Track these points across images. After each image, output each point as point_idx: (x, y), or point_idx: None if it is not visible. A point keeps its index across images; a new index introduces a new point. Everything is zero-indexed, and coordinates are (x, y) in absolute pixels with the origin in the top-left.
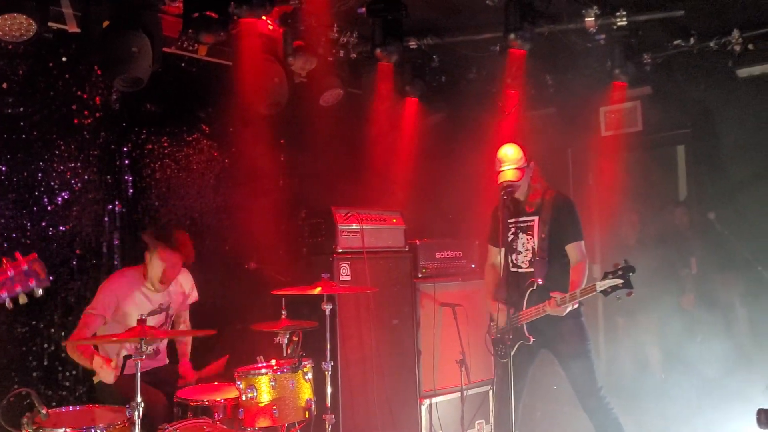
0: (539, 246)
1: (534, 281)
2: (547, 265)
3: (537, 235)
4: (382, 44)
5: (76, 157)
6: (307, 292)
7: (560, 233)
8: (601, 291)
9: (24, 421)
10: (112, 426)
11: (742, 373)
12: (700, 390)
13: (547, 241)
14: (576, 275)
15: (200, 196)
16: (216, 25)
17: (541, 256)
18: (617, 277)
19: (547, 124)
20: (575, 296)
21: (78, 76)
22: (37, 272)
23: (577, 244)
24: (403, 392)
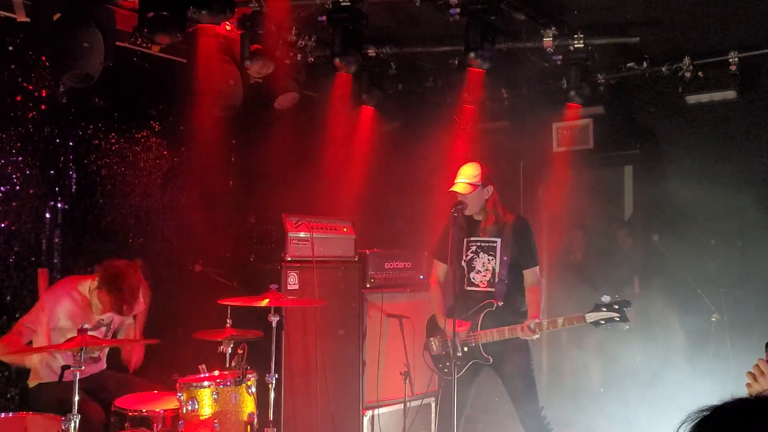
0: (501, 267)
1: (494, 302)
2: (506, 287)
3: (499, 257)
4: (341, 54)
5: (18, 150)
6: (254, 303)
7: (520, 257)
8: (592, 323)
9: None
10: None
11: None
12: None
13: (508, 263)
14: (535, 296)
15: (147, 194)
16: (172, 26)
17: (501, 277)
18: (612, 311)
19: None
20: (556, 324)
21: (24, 66)
22: None
23: (534, 269)
24: (347, 403)
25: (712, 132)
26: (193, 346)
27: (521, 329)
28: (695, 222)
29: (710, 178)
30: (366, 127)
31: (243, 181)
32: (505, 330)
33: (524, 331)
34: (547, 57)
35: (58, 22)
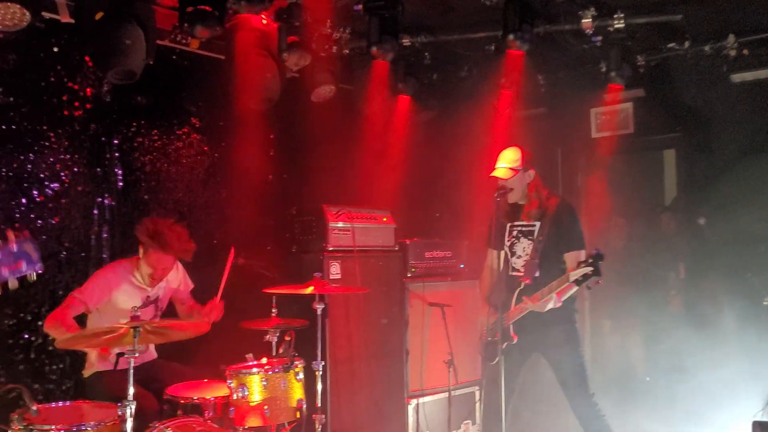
0: (534, 248)
1: (522, 280)
2: (537, 266)
3: (535, 239)
4: (377, 42)
5: (66, 149)
6: (299, 291)
7: (560, 240)
8: (574, 280)
9: (14, 418)
10: (103, 424)
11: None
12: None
13: (543, 244)
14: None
15: (189, 190)
16: (211, 20)
17: (533, 257)
18: (587, 265)
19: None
20: (551, 288)
21: (69, 66)
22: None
23: (577, 253)
24: (391, 392)
25: (758, 111)
26: (239, 337)
27: (530, 300)
28: (742, 204)
29: (757, 158)
30: (403, 117)
31: (282, 174)
32: (522, 305)
33: (533, 302)
34: (586, 39)
35: (100, 21)
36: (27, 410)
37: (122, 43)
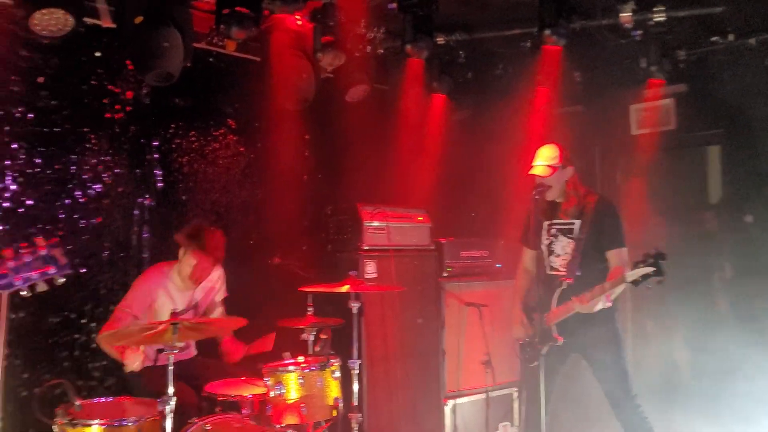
0: (575, 247)
1: (563, 280)
2: (579, 266)
3: (576, 237)
4: (412, 40)
5: (107, 150)
6: (334, 289)
7: (601, 238)
8: (632, 281)
9: (59, 412)
10: (144, 419)
11: None
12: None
13: (584, 243)
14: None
15: (226, 190)
16: (247, 21)
17: (574, 256)
18: (648, 265)
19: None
20: (603, 288)
21: (110, 70)
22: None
23: (619, 251)
24: (428, 392)
25: None
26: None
27: (578, 301)
28: None
29: None
30: (438, 116)
31: (317, 174)
32: (568, 305)
33: (581, 302)
34: (625, 33)
35: (140, 25)
36: (71, 405)
37: (161, 46)
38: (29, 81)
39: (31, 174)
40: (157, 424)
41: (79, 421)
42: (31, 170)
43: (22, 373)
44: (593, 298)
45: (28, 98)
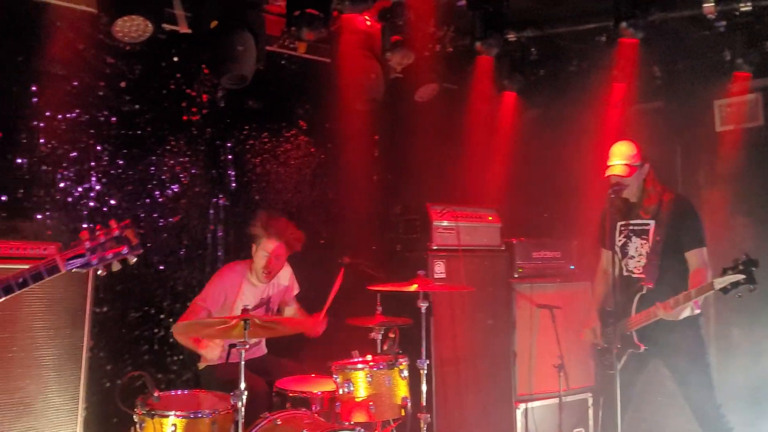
0: (652, 249)
1: (643, 285)
2: (659, 269)
3: (652, 239)
4: (482, 37)
5: (185, 152)
6: (403, 288)
7: (679, 239)
8: (721, 289)
9: (138, 403)
10: (218, 412)
11: None
12: None
13: (662, 245)
14: (697, 280)
15: (297, 190)
16: (317, 22)
17: (653, 259)
18: (738, 272)
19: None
20: (689, 296)
21: (187, 74)
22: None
23: (699, 251)
24: (498, 395)
25: None
26: (345, 334)
27: (662, 307)
28: None
29: None
30: (508, 114)
31: (387, 174)
32: (651, 311)
33: (665, 309)
34: (708, 25)
35: (215, 30)
36: (150, 396)
37: (235, 49)
38: (113, 86)
39: (114, 175)
40: (230, 417)
41: (157, 412)
42: (114, 171)
43: (105, 366)
44: (678, 305)
45: (112, 102)
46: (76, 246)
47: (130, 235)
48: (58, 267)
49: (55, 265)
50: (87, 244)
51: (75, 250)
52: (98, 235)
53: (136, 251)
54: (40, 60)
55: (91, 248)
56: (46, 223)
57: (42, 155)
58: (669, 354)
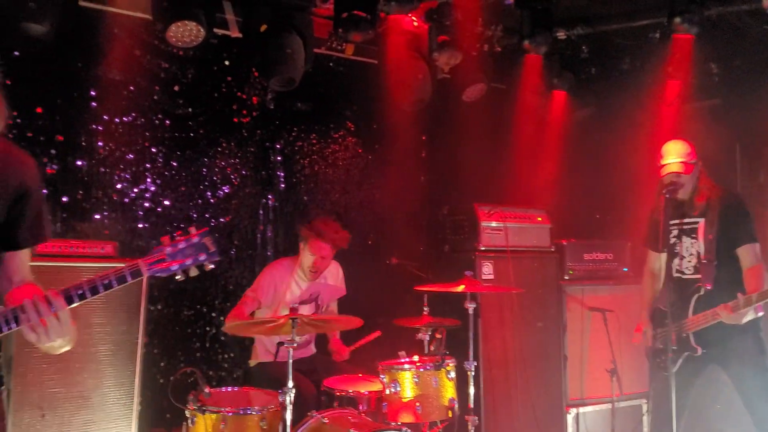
0: (706, 248)
1: (700, 286)
2: (715, 269)
3: (703, 237)
4: (530, 35)
5: (236, 153)
6: (450, 289)
7: (730, 234)
8: None
9: (189, 398)
10: (266, 409)
11: None
12: None
13: (715, 243)
14: (753, 279)
15: (345, 191)
16: (364, 24)
17: (708, 259)
18: None
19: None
20: (750, 300)
21: (238, 78)
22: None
23: (752, 246)
24: (549, 399)
25: None
26: (392, 334)
27: (724, 309)
28: None
29: None
30: (558, 113)
31: (434, 175)
32: (708, 314)
33: (727, 311)
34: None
35: (264, 33)
36: (201, 392)
37: (283, 52)
38: (167, 90)
39: (168, 176)
40: (278, 414)
41: (208, 408)
42: (168, 173)
43: (159, 362)
44: (740, 308)
45: (166, 106)
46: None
47: (208, 242)
48: (141, 271)
49: (138, 269)
50: (168, 250)
51: (156, 256)
52: (178, 241)
53: (214, 258)
54: (99, 66)
55: (171, 254)
56: (103, 222)
57: (100, 158)
58: (728, 358)
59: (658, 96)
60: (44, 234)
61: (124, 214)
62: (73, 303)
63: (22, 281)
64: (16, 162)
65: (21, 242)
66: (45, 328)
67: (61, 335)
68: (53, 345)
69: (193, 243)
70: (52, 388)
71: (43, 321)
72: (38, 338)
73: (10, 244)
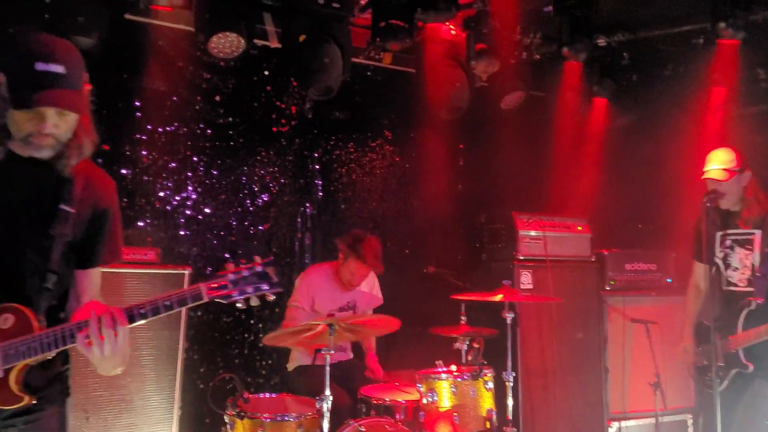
0: (761, 261)
1: (751, 300)
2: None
3: (759, 249)
4: (570, 42)
5: (274, 162)
6: (488, 298)
7: None
8: None
9: (228, 404)
10: (304, 416)
11: None
12: None
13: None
14: None
15: (382, 199)
16: (402, 33)
17: (762, 272)
18: None
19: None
20: None
21: (277, 87)
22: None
23: None
24: (589, 412)
25: None
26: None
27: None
28: None
29: None
30: (598, 121)
31: (471, 183)
32: (761, 329)
33: None
34: None
35: (303, 43)
36: (239, 398)
37: (322, 61)
38: (208, 100)
39: (209, 184)
40: (316, 421)
41: (247, 414)
42: (209, 181)
43: (199, 367)
44: None
45: (207, 115)
46: (220, 277)
47: (271, 272)
48: (202, 296)
49: (200, 294)
50: (230, 276)
51: (219, 281)
52: (241, 269)
53: (276, 289)
54: (143, 77)
55: (233, 281)
56: (146, 230)
57: (144, 166)
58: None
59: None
60: (116, 254)
61: (166, 221)
62: (134, 321)
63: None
64: (97, 183)
65: (94, 261)
66: (102, 342)
67: (116, 353)
68: (106, 364)
69: (256, 272)
70: (96, 391)
71: (101, 336)
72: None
73: (83, 263)
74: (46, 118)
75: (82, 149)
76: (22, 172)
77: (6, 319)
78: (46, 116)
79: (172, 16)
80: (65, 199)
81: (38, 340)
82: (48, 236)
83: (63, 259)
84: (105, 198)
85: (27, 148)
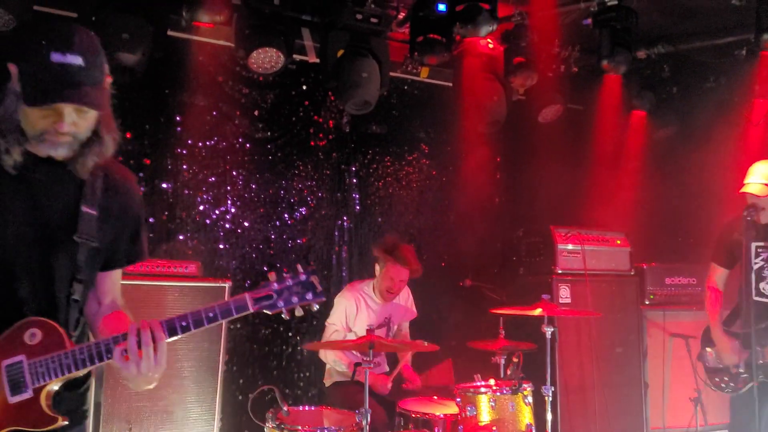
0: None
1: None
2: None
3: None
4: (609, 55)
5: (312, 176)
6: (527, 312)
7: None
8: None
9: (268, 416)
10: (342, 429)
11: None
12: None
13: None
14: None
15: (419, 213)
16: (439, 47)
17: None
18: None
19: None
20: None
21: (315, 102)
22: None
23: None
24: (628, 427)
25: None
26: (467, 357)
27: None
28: None
29: None
30: (638, 134)
31: (509, 196)
32: None
33: None
34: None
35: (341, 58)
36: (279, 410)
37: (359, 76)
38: (247, 114)
39: (248, 198)
40: None
41: (286, 426)
42: (248, 195)
43: (238, 379)
44: None
45: (246, 130)
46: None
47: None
48: (247, 306)
49: (245, 305)
50: (275, 286)
51: (263, 291)
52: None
53: (320, 299)
54: (184, 92)
55: (278, 290)
56: (186, 243)
57: (184, 180)
58: None
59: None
60: (141, 255)
61: (206, 234)
62: (176, 334)
63: (111, 302)
64: (119, 182)
65: (114, 263)
66: (140, 359)
67: (153, 369)
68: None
69: (300, 281)
70: (139, 402)
71: (139, 352)
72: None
73: (106, 265)
74: (63, 116)
75: (103, 148)
76: (42, 174)
77: (33, 334)
78: (64, 114)
79: (213, 32)
80: (87, 201)
81: (71, 356)
82: (73, 242)
83: (88, 266)
84: (128, 196)
85: (42, 146)
